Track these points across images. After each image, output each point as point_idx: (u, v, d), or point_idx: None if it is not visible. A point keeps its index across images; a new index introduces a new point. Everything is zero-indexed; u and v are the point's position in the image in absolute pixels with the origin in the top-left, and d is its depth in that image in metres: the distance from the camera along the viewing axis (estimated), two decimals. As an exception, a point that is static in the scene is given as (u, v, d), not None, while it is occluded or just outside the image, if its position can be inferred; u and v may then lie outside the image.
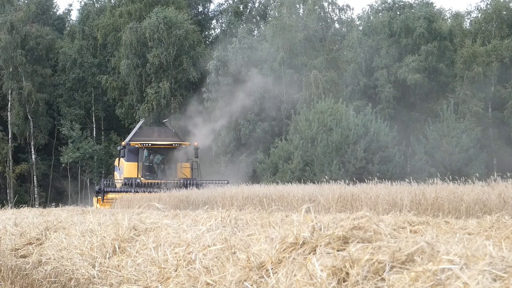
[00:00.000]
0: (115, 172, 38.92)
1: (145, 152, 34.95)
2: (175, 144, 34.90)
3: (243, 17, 60.62)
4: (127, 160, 34.88)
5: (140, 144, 34.62)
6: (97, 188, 35.12)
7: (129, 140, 35.31)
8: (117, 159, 38.46)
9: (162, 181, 33.44)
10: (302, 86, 45.92)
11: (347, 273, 4.56)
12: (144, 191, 31.51)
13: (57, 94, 59.17)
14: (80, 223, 11.43)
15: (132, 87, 53.67)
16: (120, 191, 32.68)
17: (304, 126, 36.66)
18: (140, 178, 34.07)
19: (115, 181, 36.04)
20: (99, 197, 33.74)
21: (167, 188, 31.31)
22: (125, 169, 34.89)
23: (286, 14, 48.80)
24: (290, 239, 5.27)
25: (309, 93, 44.72)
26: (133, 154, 34.83)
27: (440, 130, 37.79)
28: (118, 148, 37.25)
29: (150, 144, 34.71)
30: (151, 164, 35.08)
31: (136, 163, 34.72)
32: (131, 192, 31.79)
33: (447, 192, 16.48)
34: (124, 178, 34.34)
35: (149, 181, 33.71)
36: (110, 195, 32.77)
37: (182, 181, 33.49)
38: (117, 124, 58.32)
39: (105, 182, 34.74)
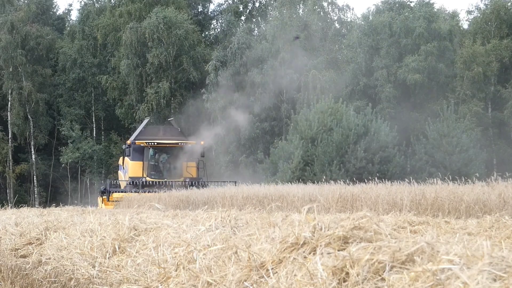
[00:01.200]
0: (119, 172, 38.42)
1: (151, 151, 34.39)
2: (181, 143, 34.38)
3: (242, 17, 60.64)
4: (132, 159, 34.25)
5: (146, 142, 34.05)
6: (102, 188, 34.46)
7: (134, 139, 34.69)
8: (121, 158, 37.88)
9: (168, 181, 32.94)
10: (302, 86, 45.91)
11: (347, 273, 4.56)
12: (150, 191, 31.07)
13: (57, 94, 59.18)
14: (80, 223, 11.43)
15: (132, 87, 53.68)
16: (127, 191, 32.07)
17: (304, 126, 36.64)
18: (145, 177, 33.56)
19: (120, 180, 35.48)
20: (104, 197, 33.10)
21: (173, 188, 30.84)
22: (130, 168, 34.29)
23: (286, 14, 48.80)
24: (291, 239, 5.27)
25: (308, 93, 44.71)
26: (138, 153, 34.16)
27: (440, 130, 37.77)
28: (123, 147, 36.67)
29: (156, 143, 34.16)
30: (156, 163, 34.49)
31: (141, 162, 34.08)
32: (138, 192, 31.18)
33: (447, 192, 16.48)
34: (129, 177, 33.78)
35: (155, 180, 33.31)
36: (115, 195, 32.10)
37: (188, 180, 33.12)
38: (117, 124, 58.32)
39: (110, 182, 34.17)
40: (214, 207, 20.09)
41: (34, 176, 56.16)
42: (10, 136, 56.03)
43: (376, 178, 21.37)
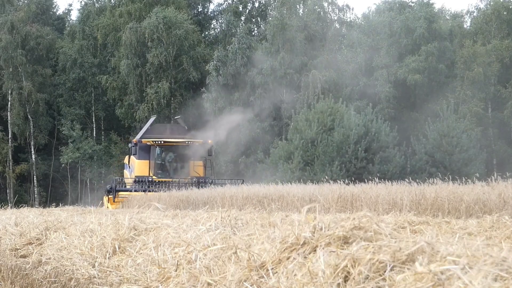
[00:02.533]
0: (124, 170, 38.00)
1: (157, 149, 33.90)
2: (188, 141, 33.96)
3: (242, 17, 60.66)
4: (139, 158, 33.75)
5: (153, 141, 33.62)
6: (108, 187, 33.87)
7: (141, 137, 34.19)
8: (126, 157, 37.33)
9: (175, 180, 32.39)
10: (302, 86, 45.91)
11: (349, 272, 4.56)
12: (157, 191, 30.67)
13: (57, 94, 59.18)
14: (80, 223, 11.42)
15: (132, 87, 53.68)
16: (134, 190, 31.55)
17: (304, 126, 36.64)
18: (152, 176, 33.14)
19: (126, 179, 34.87)
20: (110, 197, 32.47)
21: (180, 187, 30.50)
22: (136, 167, 33.79)
23: (286, 14, 48.81)
24: (291, 239, 5.27)
25: (308, 93, 44.71)
26: (145, 151, 33.69)
27: (440, 130, 37.78)
28: (129, 145, 36.17)
29: (162, 142, 33.72)
30: (163, 162, 34.05)
31: (148, 161, 33.63)
32: (144, 191, 30.74)
33: (447, 192, 16.48)
34: (135, 176, 33.27)
35: (162, 179, 32.87)
36: (122, 194, 31.61)
37: (195, 179, 32.77)
38: (117, 124, 58.31)
39: (116, 181, 33.62)
40: (214, 207, 20.10)
41: (34, 176, 56.15)
42: (10, 136, 56.02)
43: (376, 178, 21.35)
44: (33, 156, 56.29)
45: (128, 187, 33.07)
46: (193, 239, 7.10)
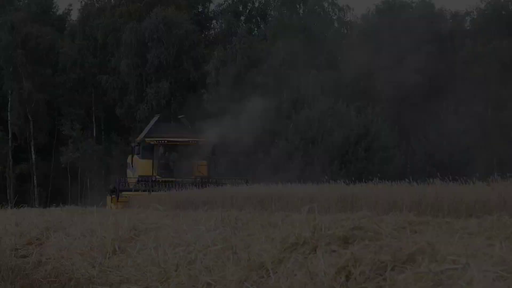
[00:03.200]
0: (127, 170, 37.90)
1: (161, 149, 33.71)
2: (192, 141, 33.82)
3: (242, 17, 60.67)
4: (142, 158, 33.54)
5: (156, 140, 33.46)
6: (111, 186, 33.65)
7: (144, 137, 34.08)
8: (129, 156, 37.09)
9: (178, 180, 32.01)
10: (302, 86, 45.89)
11: (350, 272, 4.56)
12: (160, 190, 30.64)
13: (57, 94, 59.12)
14: (80, 223, 11.42)
15: (132, 87, 53.67)
16: (134, 190, 31.40)
17: (304, 126, 36.64)
18: (155, 176, 32.95)
19: (129, 178, 34.55)
20: (113, 196, 32.11)
21: (183, 187, 30.38)
22: (139, 166, 33.58)
23: (286, 14, 48.83)
24: (291, 239, 5.27)
25: (308, 93, 44.70)
26: (148, 151, 33.49)
27: (440, 130, 37.80)
28: (132, 145, 35.86)
29: (166, 141, 33.56)
30: (166, 162, 33.84)
31: (151, 160, 33.43)
32: (147, 191, 30.65)
33: (447, 192, 16.48)
34: (138, 176, 33.09)
35: (165, 179, 32.60)
36: (125, 194, 31.35)
37: (199, 179, 32.59)
38: (117, 124, 58.28)
39: (119, 180, 33.52)
40: (214, 207, 20.09)
41: (34, 176, 56.11)
42: (10, 136, 56.00)
43: (376, 178, 21.34)
44: (33, 156, 56.26)
45: (131, 187, 32.97)
46: (193, 239, 7.09)
